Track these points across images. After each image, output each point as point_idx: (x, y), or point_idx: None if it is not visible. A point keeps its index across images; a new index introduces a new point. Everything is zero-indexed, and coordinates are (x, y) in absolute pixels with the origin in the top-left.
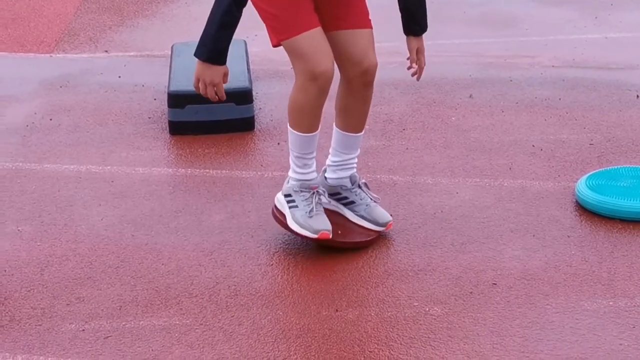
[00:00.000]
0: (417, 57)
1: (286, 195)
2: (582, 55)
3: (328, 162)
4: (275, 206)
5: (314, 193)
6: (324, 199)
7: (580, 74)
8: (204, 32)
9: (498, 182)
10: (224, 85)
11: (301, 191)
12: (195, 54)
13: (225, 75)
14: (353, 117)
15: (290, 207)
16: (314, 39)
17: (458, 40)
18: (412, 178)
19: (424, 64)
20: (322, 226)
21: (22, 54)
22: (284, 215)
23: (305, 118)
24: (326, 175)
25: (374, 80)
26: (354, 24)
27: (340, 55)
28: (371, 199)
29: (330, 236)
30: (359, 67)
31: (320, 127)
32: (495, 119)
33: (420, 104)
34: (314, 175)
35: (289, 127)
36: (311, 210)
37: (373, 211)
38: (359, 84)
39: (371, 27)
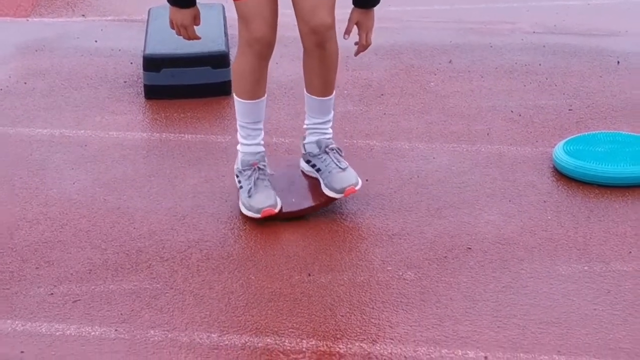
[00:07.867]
0: (359, 33)
1: (236, 176)
2: (563, 21)
3: (304, 125)
4: None
5: (254, 170)
6: (269, 171)
7: (561, 40)
8: None
9: (475, 148)
10: (201, 49)
11: (244, 170)
12: None
13: (196, 17)
14: (314, 79)
15: (240, 189)
16: (257, 4)
17: (438, 6)
18: (389, 143)
19: (366, 42)
20: (263, 204)
21: None
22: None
23: (246, 83)
24: (304, 141)
25: (330, 42)
26: None
27: (294, 10)
28: (337, 165)
29: (275, 211)
30: (307, 25)
31: (266, 96)
32: (474, 84)
33: (398, 69)
34: (258, 148)
35: (232, 93)
36: (249, 190)
37: (333, 178)
38: (310, 43)
39: None
